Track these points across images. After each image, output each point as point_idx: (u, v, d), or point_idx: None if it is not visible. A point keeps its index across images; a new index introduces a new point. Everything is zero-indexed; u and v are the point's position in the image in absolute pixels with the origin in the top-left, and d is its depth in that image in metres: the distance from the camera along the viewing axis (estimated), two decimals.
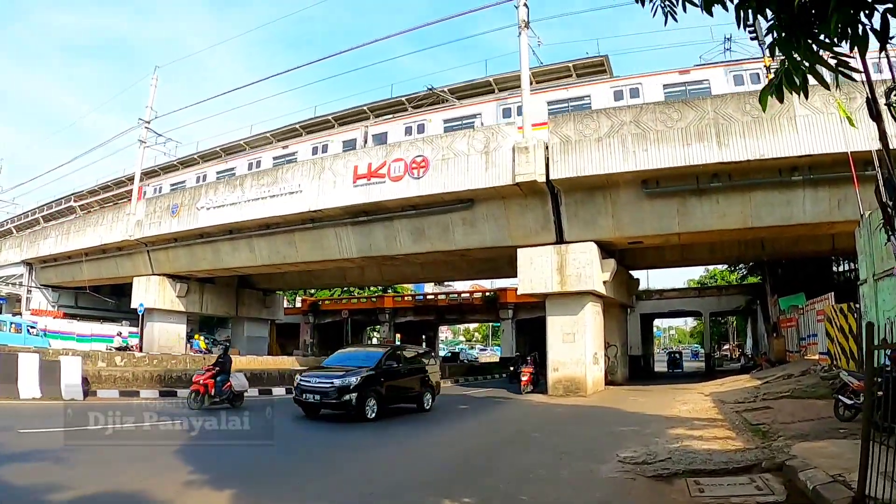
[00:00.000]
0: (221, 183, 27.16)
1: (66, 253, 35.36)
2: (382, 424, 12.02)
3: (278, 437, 9.57)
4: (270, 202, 24.06)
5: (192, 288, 32.53)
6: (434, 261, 27.05)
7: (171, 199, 28.99)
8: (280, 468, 7.51)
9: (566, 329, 19.28)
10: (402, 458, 8.59)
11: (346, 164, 21.75)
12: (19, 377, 12.98)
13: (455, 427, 12.25)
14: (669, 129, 15.58)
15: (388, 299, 49.90)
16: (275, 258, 26.53)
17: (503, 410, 15.92)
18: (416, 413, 14.09)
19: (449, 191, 19.22)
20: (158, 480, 6.41)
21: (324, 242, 24.33)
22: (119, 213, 31.60)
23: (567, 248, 18.64)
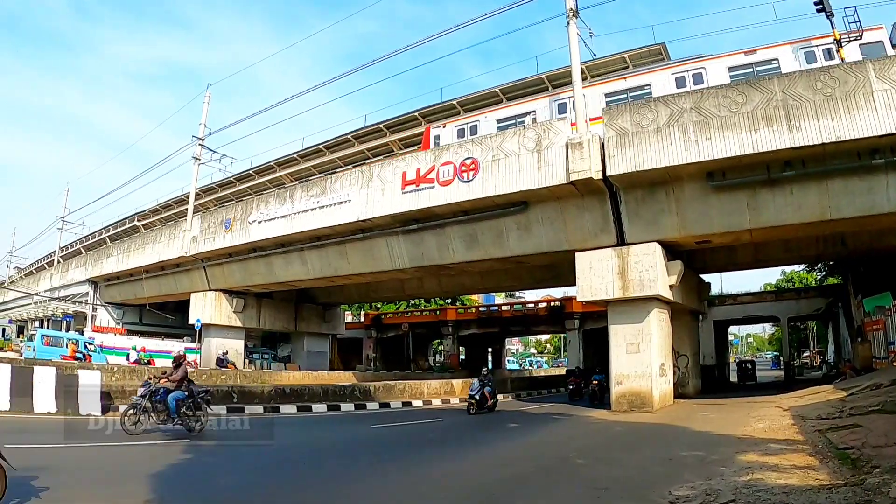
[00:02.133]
0: (272, 196, 27.93)
1: (127, 271, 37.22)
2: (417, 446, 11.93)
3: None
4: (320, 213, 24.52)
5: (248, 303, 33.55)
6: (491, 269, 26.83)
7: (223, 214, 30.02)
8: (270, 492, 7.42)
9: (630, 339, 18.66)
10: (407, 492, 7.64)
11: (393, 171, 21.92)
12: (34, 391, 13.19)
13: (491, 450, 11.44)
14: (734, 114, 14.86)
15: (452, 311, 50.03)
16: (327, 271, 26.98)
17: (554, 430, 15.30)
18: (460, 433, 14.03)
19: (500, 193, 19.02)
20: None
21: (375, 253, 24.55)
22: (175, 230, 33.02)
23: (628, 251, 18.06)
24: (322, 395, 19.62)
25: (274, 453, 10.53)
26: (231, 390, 17.54)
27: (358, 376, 31.08)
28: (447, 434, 13.99)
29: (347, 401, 19.79)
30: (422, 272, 26.31)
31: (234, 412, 15.95)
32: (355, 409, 19.30)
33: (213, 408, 15.41)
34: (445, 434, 14.00)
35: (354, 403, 19.78)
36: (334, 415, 18.10)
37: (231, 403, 16.63)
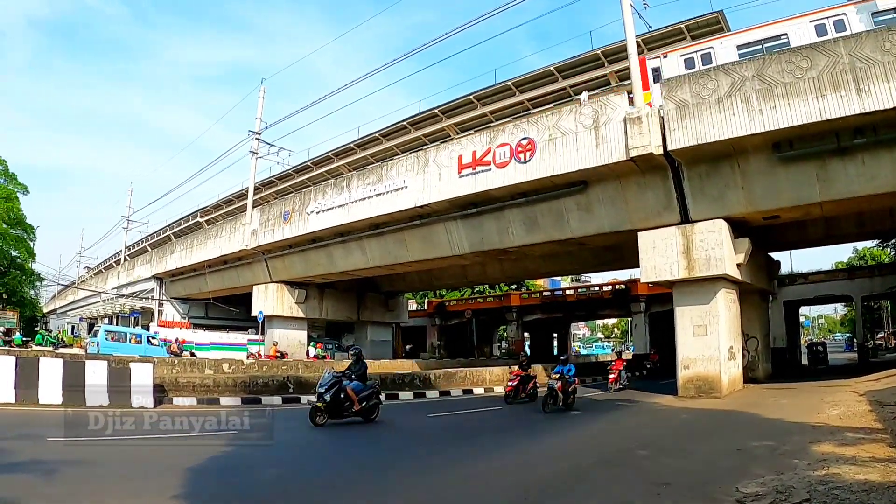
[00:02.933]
0: (329, 185, 28.75)
1: (190, 266, 38.89)
2: (471, 436, 11.77)
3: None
4: (377, 201, 25.18)
5: (310, 294, 34.68)
6: (552, 252, 26.97)
7: (282, 206, 31.05)
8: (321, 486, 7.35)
9: (697, 321, 18.53)
10: (451, 486, 7.33)
11: (449, 155, 22.35)
12: (86, 384, 13.57)
13: (548, 441, 11.03)
14: (798, 80, 14.64)
15: (515, 297, 50.30)
16: (386, 259, 27.68)
17: (617, 418, 15.05)
18: (518, 423, 14.06)
19: (558, 173, 19.21)
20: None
21: (434, 239, 25.06)
22: (236, 224, 34.34)
23: (693, 229, 17.96)
24: (380, 384, 19.83)
25: (316, 448, 10.45)
26: (287, 380, 18.04)
27: (420, 364, 31.74)
28: (504, 424, 13.95)
29: (407, 389, 19.99)
30: (482, 257, 26.67)
31: (290, 402, 16.56)
32: (414, 398, 19.44)
33: (269, 398, 16.40)
34: (503, 424, 13.96)
35: (414, 392, 19.93)
36: (392, 404, 17.76)
37: (286, 394, 17.16)
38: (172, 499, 6.19)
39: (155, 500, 6.21)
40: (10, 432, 9.78)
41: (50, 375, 13.37)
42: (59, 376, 13.41)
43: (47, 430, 9.83)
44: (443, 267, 31.43)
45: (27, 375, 13.14)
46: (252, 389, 16.89)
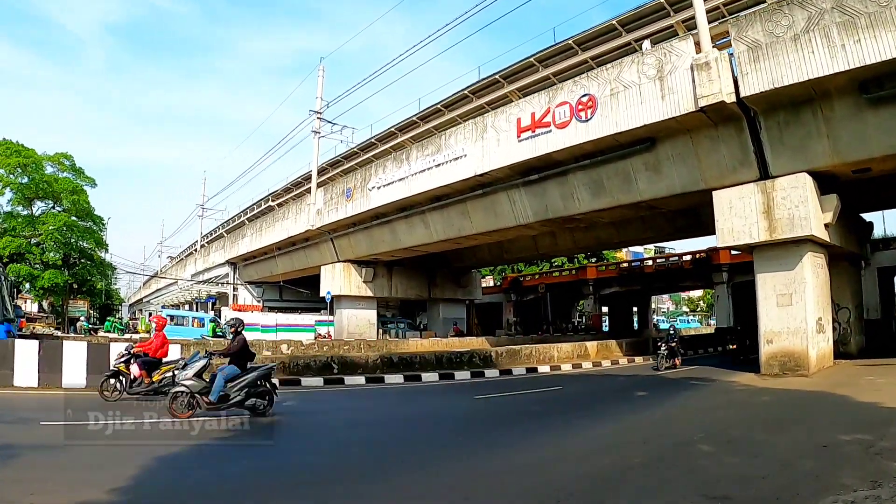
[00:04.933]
0: (388, 160, 28.92)
1: (261, 249, 40.17)
2: (512, 422, 11.12)
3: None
4: (436, 172, 25.10)
5: (378, 272, 35.23)
6: (624, 219, 26.16)
7: (344, 183, 31.49)
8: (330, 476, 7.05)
9: (780, 289, 17.34)
10: (455, 489, 6.41)
11: (507, 119, 21.94)
12: (110, 367, 13.79)
13: (600, 429, 10.10)
14: (884, 8, 13.32)
15: (592, 269, 49.38)
16: (450, 232, 27.60)
17: (687, 399, 13.92)
18: (572, 406, 13.35)
19: (622, 130, 18.45)
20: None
21: (497, 209, 24.78)
22: (301, 205, 35.19)
23: (773, 185, 16.78)
24: (435, 363, 19.78)
25: (327, 435, 9.94)
26: (331, 361, 18.09)
27: (491, 341, 31.53)
28: (556, 407, 13.06)
29: (465, 368, 19.75)
30: (549, 226, 26.12)
31: (332, 384, 16.65)
32: (471, 378, 19.03)
33: (310, 380, 16.40)
34: (554, 407, 13.05)
35: (471, 371, 19.58)
36: (444, 384, 17.93)
37: (331, 375, 17.22)
38: (111, 492, 5.95)
39: (91, 492, 5.95)
40: (10, 415, 10.15)
41: (74, 359, 13.89)
42: (84, 360, 13.89)
43: (50, 413, 10.09)
44: (511, 239, 31.09)
45: (50, 359, 13.73)
46: (292, 370, 16.98)
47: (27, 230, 35.43)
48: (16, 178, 35.56)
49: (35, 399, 12.43)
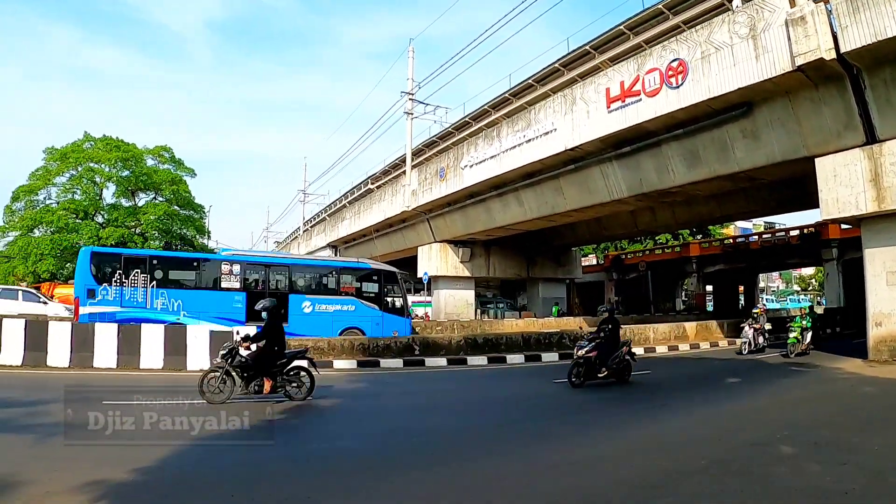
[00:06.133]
0: (480, 137, 29.19)
1: (360, 231, 41.64)
2: (582, 410, 10.84)
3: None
4: (527, 147, 25.18)
5: (476, 252, 35.64)
6: (722, 191, 25.26)
7: (438, 163, 32.05)
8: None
9: (890, 265, 16.08)
10: (478, 490, 5.90)
11: (596, 89, 21.71)
12: (188, 350, 14.72)
13: (671, 422, 9.42)
14: None
15: (695, 246, 47.80)
16: (544, 209, 27.59)
17: (781, 388, 13.04)
18: (653, 392, 12.86)
19: (714, 95, 17.80)
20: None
21: (590, 185, 24.55)
22: (397, 187, 36.12)
23: (881, 150, 15.55)
24: (522, 344, 19.54)
25: (379, 414, 10.09)
26: (412, 342, 18.17)
27: (589, 321, 31.19)
28: (636, 394, 12.56)
29: (553, 350, 19.45)
30: (644, 201, 25.56)
31: (411, 365, 16.89)
32: (559, 360, 18.53)
33: (389, 361, 16.70)
34: (634, 394, 12.56)
35: (560, 353, 19.08)
36: (528, 366, 17.78)
37: (411, 356, 17.46)
38: (133, 471, 6.14)
39: (113, 471, 6.11)
40: (76, 395, 10.52)
41: (152, 342, 14.68)
42: (161, 343, 14.69)
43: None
44: (608, 215, 30.64)
45: (129, 342, 14.53)
46: (371, 352, 17.29)
47: (129, 220, 38.25)
48: (117, 172, 38.52)
49: (112, 379, 13.20)
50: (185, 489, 5.84)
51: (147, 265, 19.65)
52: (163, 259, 21.52)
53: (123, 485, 5.76)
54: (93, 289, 18.67)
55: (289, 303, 20.54)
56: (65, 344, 14.35)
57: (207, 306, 19.68)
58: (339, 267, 23.17)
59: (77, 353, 14.32)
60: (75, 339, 14.45)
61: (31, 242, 35.43)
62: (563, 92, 24.23)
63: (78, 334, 14.56)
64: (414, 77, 34.54)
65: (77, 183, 37.87)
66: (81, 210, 37.23)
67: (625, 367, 13.66)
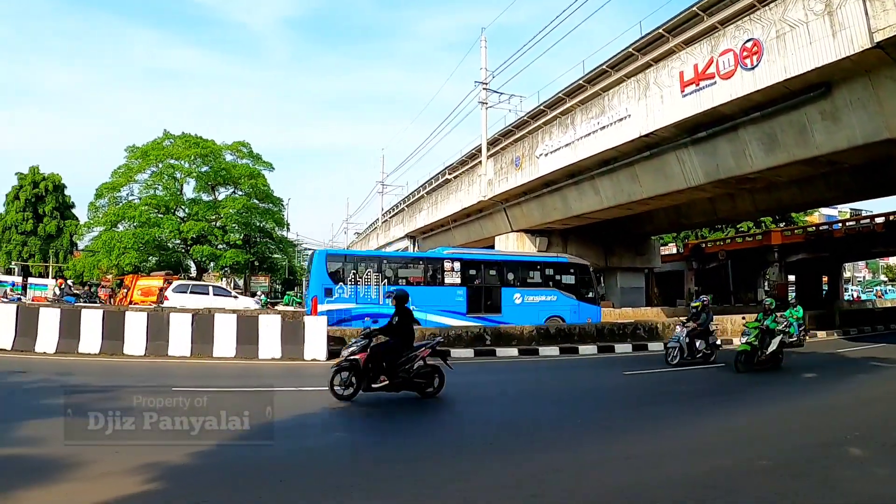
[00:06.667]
0: (554, 125, 29.26)
1: (438, 222, 42.32)
2: (641, 404, 10.60)
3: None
4: (601, 135, 25.16)
5: (553, 241, 35.75)
6: (803, 177, 24.35)
7: (513, 152, 32.34)
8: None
9: None
10: (529, 484, 5.81)
11: (669, 73, 21.51)
12: (259, 338, 15.09)
13: (735, 418, 9.17)
14: None
15: (776, 235, 45.94)
16: (620, 197, 27.47)
17: (859, 386, 12.61)
18: (723, 386, 12.65)
19: (791, 76, 17.34)
20: None
21: (666, 171, 24.33)
22: (473, 177, 36.59)
23: None
24: (595, 334, 19.46)
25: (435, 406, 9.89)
26: (483, 332, 18.22)
27: (667, 312, 31.00)
28: (704, 387, 12.40)
29: (627, 341, 19.53)
30: (722, 187, 25.06)
31: (483, 355, 17.08)
32: (632, 351, 18.87)
33: (460, 351, 16.72)
34: (702, 387, 12.40)
35: (634, 344, 19.36)
36: (600, 357, 17.79)
37: (482, 346, 17.61)
38: (191, 455, 6.37)
39: (171, 455, 6.34)
40: (152, 381, 11.17)
41: (225, 331, 15.16)
42: (234, 332, 15.14)
43: (190, 380, 11.24)
44: (686, 202, 30.12)
45: (202, 330, 15.04)
46: (443, 341, 17.13)
47: (209, 214, 40.32)
48: (196, 168, 40.72)
49: (187, 367, 13.68)
50: (243, 474, 6.03)
51: (377, 264, 22.00)
52: (391, 259, 24.10)
53: (178, 468, 6.06)
54: (330, 288, 20.89)
55: (501, 295, 22.28)
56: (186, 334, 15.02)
57: (432, 301, 21.76)
58: (542, 261, 25.10)
59: (197, 344, 14.96)
60: (152, 328, 15.07)
61: (115, 237, 38.03)
62: (636, 77, 24.05)
63: (188, 324, 15.18)
64: (487, 66, 34.88)
65: (158, 179, 40.37)
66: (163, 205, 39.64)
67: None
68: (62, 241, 60.80)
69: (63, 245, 60.71)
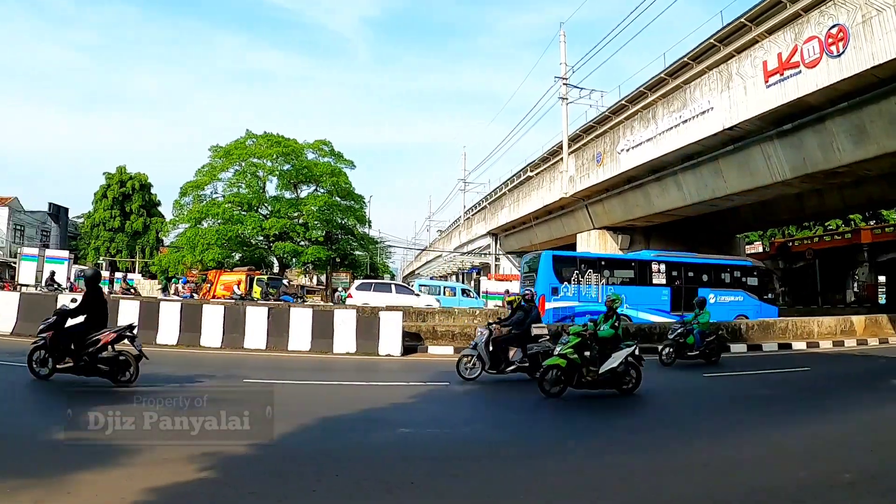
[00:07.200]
0: (635, 120, 29.11)
1: (519, 219, 42.58)
2: (711, 409, 10.37)
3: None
4: (683, 129, 24.89)
5: (635, 239, 35.43)
6: None
7: (594, 148, 32.28)
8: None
9: None
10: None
11: (752, 63, 21.10)
12: (335, 333, 15.50)
13: (819, 425, 8.80)
14: None
15: (866, 233, 43.46)
16: (704, 193, 27.01)
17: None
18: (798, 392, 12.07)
19: (879, 63, 16.68)
20: None
21: (751, 165, 23.81)
22: (554, 174, 36.76)
23: None
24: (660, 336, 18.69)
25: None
26: (561, 330, 17.35)
27: None
28: (788, 392, 11.93)
29: None
30: (809, 182, 24.14)
31: None
32: None
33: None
34: (786, 392, 11.96)
35: None
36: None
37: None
38: (253, 446, 6.48)
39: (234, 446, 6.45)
40: (225, 371, 11.68)
41: (300, 325, 15.65)
42: (309, 326, 15.64)
43: (266, 372, 11.80)
44: (772, 199, 29.10)
45: (278, 324, 15.65)
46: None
47: (291, 211, 41.83)
48: (278, 166, 42.28)
49: (263, 360, 14.14)
50: (298, 466, 6.09)
51: (597, 266, 23.42)
52: (609, 260, 25.43)
53: (235, 458, 6.19)
54: (556, 287, 22.20)
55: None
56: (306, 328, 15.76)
57: (643, 300, 23.16)
58: (731, 265, 26.08)
59: (273, 337, 15.62)
60: (229, 321, 15.90)
61: (199, 233, 40.02)
62: (718, 68, 23.60)
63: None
64: (567, 61, 34.83)
65: (241, 177, 42.25)
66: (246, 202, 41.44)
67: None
68: (148, 237, 63.79)
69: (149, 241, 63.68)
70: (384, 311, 17.21)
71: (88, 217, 65.45)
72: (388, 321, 15.84)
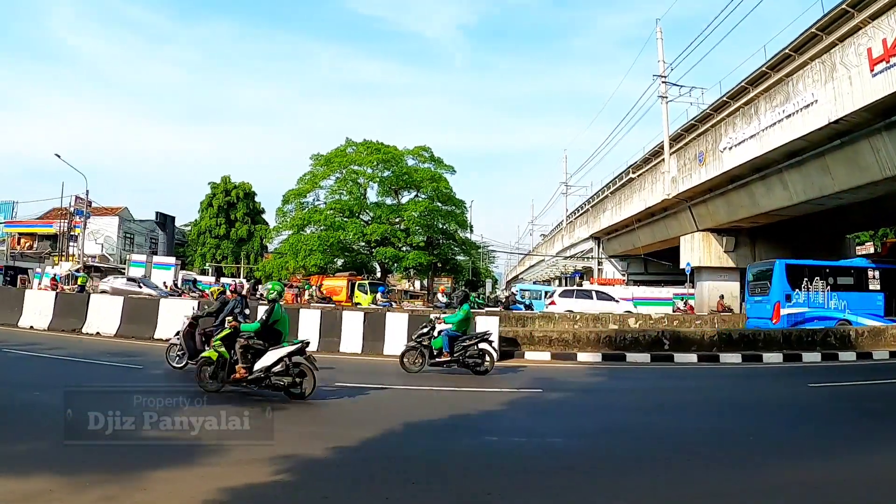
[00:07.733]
0: (737, 117, 28.50)
1: (622, 222, 42.28)
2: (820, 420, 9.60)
3: None
4: (787, 124, 24.21)
5: (740, 241, 34.68)
6: None
7: (696, 147, 31.78)
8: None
9: None
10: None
11: (856, 51, 20.34)
12: (342, 333, 15.96)
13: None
14: None
15: None
16: (810, 192, 26.07)
17: None
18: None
19: None
20: None
21: (859, 161, 22.86)
22: (656, 175, 36.41)
23: None
24: (782, 341, 18.47)
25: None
26: (662, 336, 18.00)
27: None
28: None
29: (816, 349, 18.12)
30: None
31: (659, 360, 16.86)
32: (821, 360, 17.45)
33: (635, 355, 16.91)
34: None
35: (823, 352, 17.93)
36: (786, 366, 16.83)
37: (660, 351, 17.38)
38: (331, 449, 6.70)
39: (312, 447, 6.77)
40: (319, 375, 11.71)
41: (395, 329, 15.99)
42: (405, 330, 15.73)
43: (351, 376, 12.08)
44: (883, 196, 27.54)
45: (374, 329, 16.10)
46: (618, 345, 17.46)
47: (392, 217, 43.00)
48: (378, 173, 43.56)
49: (356, 363, 14.53)
50: (374, 473, 6.18)
51: (822, 273, 24.69)
52: (832, 268, 25.92)
53: (311, 461, 6.34)
54: (789, 294, 23.70)
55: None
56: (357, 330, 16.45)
57: (861, 305, 24.26)
58: None
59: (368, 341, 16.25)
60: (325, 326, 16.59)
61: (301, 239, 41.98)
62: (821, 59, 22.81)
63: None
64: (665, 59, 34.57)
65: (342, 185, 43.95)
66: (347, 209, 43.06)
67: None
68: (253, 244, 67.07)
69: (254, 248, 67.01)
70: (391, 314, 17.68)
71: (195, 225, 69.41)
72: (394, 323, 16.38)
